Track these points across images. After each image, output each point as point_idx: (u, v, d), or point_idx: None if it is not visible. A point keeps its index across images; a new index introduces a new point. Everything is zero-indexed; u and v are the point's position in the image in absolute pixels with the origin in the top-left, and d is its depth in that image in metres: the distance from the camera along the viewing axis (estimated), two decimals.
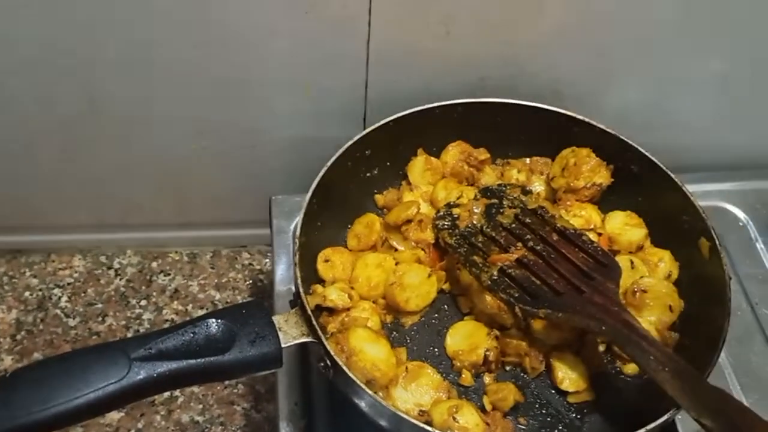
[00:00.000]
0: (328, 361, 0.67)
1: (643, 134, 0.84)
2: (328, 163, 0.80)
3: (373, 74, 0.90)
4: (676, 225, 0.80)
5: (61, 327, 1.08)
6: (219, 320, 0.64)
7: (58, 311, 1.09)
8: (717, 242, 0.75)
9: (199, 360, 0.62)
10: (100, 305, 1.10)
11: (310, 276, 0.78)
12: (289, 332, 0.67)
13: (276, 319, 0.67)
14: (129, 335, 1.07)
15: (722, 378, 0.83)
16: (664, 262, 0.80)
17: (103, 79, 0.90)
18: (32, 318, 1.09)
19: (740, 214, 0.98)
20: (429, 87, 0.90)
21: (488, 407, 0.72)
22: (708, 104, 0.99)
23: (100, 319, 1.09)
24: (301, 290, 0.70)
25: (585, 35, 0.89)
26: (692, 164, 0.95)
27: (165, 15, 0.82)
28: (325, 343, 0.67)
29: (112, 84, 0.90)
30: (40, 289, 1.12)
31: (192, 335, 0.63)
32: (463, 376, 0.74)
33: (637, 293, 0.76)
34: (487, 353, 0.73)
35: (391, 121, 0.84)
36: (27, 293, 1.11)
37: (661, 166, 0.81)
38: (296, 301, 0.71)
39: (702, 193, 0.82)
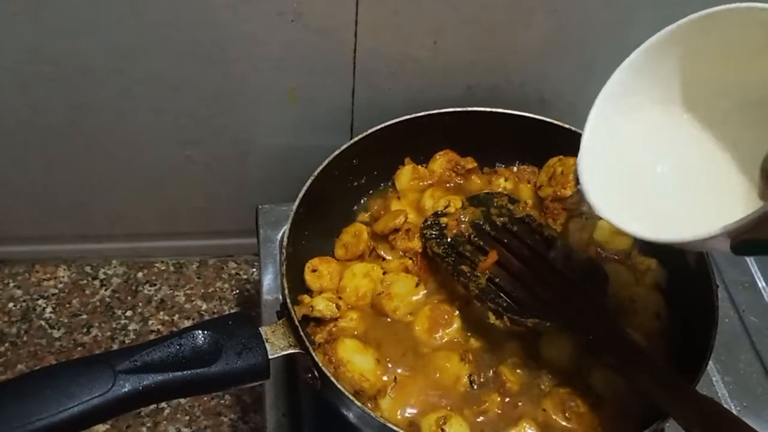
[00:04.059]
0: (316, 373, 0.67)
1: None
2: (315, 172, 0.80)
3: (360, 83, 0.90)
4: None
5: (46, 338, 1.06)
6: (205, 332, 0.64)
7: (43, 322, 1.08)
8: (704, 251, 0.75)
9: (185, 372, 0.61)
10: (85, 316, 1.09)
11: (297, 286, 0.78)
12: (277, 343, 0.67)
13: (263, 330, 0.67)
14: (114, 346, 1.06)
15: (710, 385, 0.84)
16: (652, 270, 0.80)
17: (88, 88, 0.89)
18: (16, 329, 1.07)
19: None
20: (416, 96, 0.90)
21: None
22: None
23: (85, 330, 1.08)
24: (288, 301, 0.69)
25: (570, 45, 0.90)
26: None
27: (150, 25, 0.82)
28: (313, 354, 0.67)
29: (97, 93, 0.90)
30: (24, 300, 1.11)
31: (178, 347, 0.62)
32: None
33: (625, 302, 0.76)
34: (471, 378, 0.73)
35: (378, 130, 0.84)
36: (11, 304, 1.10)
37: None
38: (283, 312, 0.70)
39: None
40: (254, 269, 1.16)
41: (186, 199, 1.07)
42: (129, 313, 1.10)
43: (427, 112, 0.86)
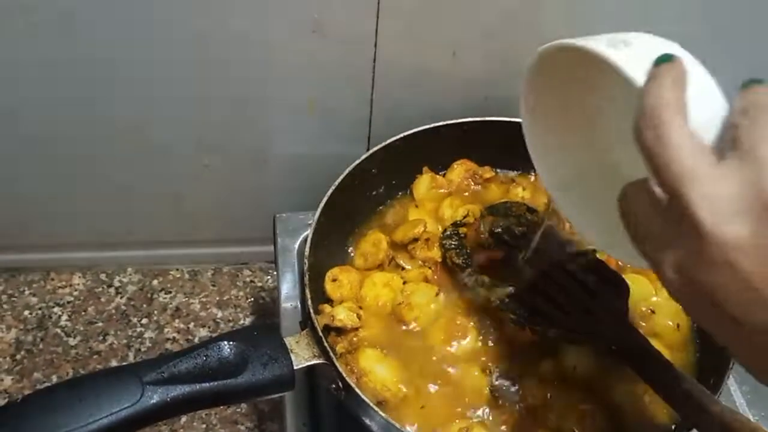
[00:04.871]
0: (339, 383, 0.67)
1: None
2: (336, 182, 0.80)
3: (378, 93, 0.91)
4: None
5: (62, 346, 1.07)
6: (231, 342, 0.64)
7: (58, 330, 1.08)
8: None
9: (212, 383, 0.62)
10: (100, 324, 1.09)
11: (317, 295, 0.78)
12: (301, 354, 0.67)
13: (288, 340, 0.67)
14: (131, 354, 1.06)
15: (728, 394, 0.84)
16: None
17: (103, 97, 0.89)
18: (32, 337, 1.07)
19: None
20: (434, 106, 0.90)
21: None
22: None
23: (101, 338, 1.08)
24: (311, 311, 0.70)
25: None
26: None
27: (169, 34, 0.82)
28: (337, 364, 0.67)
29: (113, 102, 0.90)
30: (40, 308, 1.11)
31: (204, 358, 0.63)
32: None
33: (645, 312, 0.77)
34: (492, 389, 0.73)
35: (397, 140, 0.85)
36: (26, 312, 1.10)
37: None
38: (306, 323, 0.71)
39: None
40: (269, 277, 1.16)
41: (202, 206, 1.08)
42: (144, 320, 1.10)
43: (445, 122, 0.86)
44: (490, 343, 0.76)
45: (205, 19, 0.81)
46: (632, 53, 0.49)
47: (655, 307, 0.77)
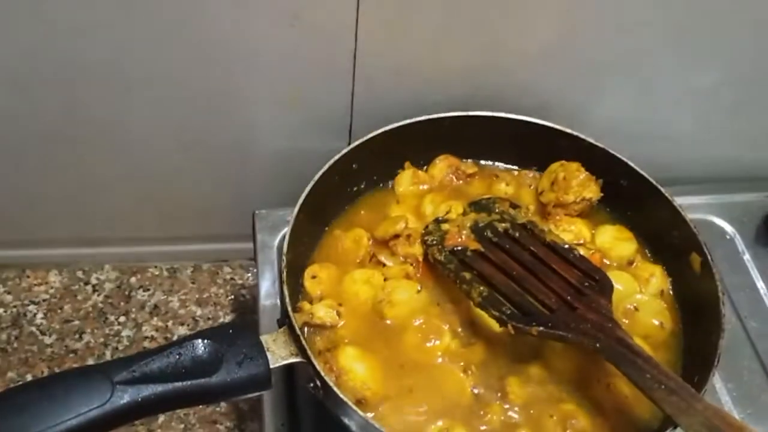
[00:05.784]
0: (318, 382, 0.66)
1: (630, 147, 0.84)
2: (315, 178, 0.79)
3: (359, 86, 0.89)
4: (667, 239, 0.80)
5: (37, 345, 1.05)
6: (205, 341, 0.62)
7: (34, 329, 1.06)
8: (709, 258, 0.74)
9: (185, 383, 0.60)
10: (77, 322, 1.07)
11: (296, 293, 0.77)
12: (278, 352, 0.65)
13: (264, 339, 0.65)
14: (108, 353, 1.04)
15: (713, 391, 0.83)
16: (656, 277, 0.79)
17: (82, 92, 0.87)
18: (6, 336, 1.05)
19: (727, 227, 0.98)
20: (416, 100, 0.89)
21: None
22: (694, 117, 0.99)
23: (77, 336, 1.06)
24: (289, 309, 0.68)
25: (572, 49, 0.89)
26: (679, 177, 0.95)
27: (146, 28, 0.81)
28: (315, 363, 0.65)
29: (91, 97, 0.88)
30: (15, 306, 1.09)
31: (178, 357, 0.61)
32: None
33: (629, 310, 0.76)
34: (474, 389, 0.72)
35: (378, 134, 0.83)
36: (1, 310, 1.08)
37: (651, 180, 0.81)
38: (284, 320, 0.69)
39: (688, 205, 0.82)
40: (249, 274, 1.14)
41: (182, 203, 1.06)
42: (122, 318, 1.08)
43: (427, 117, 0.85)
44: (472, 342, 0.74)
45: (184, 13, 0.79)
46: None
47: (638, 305, 0.76)
